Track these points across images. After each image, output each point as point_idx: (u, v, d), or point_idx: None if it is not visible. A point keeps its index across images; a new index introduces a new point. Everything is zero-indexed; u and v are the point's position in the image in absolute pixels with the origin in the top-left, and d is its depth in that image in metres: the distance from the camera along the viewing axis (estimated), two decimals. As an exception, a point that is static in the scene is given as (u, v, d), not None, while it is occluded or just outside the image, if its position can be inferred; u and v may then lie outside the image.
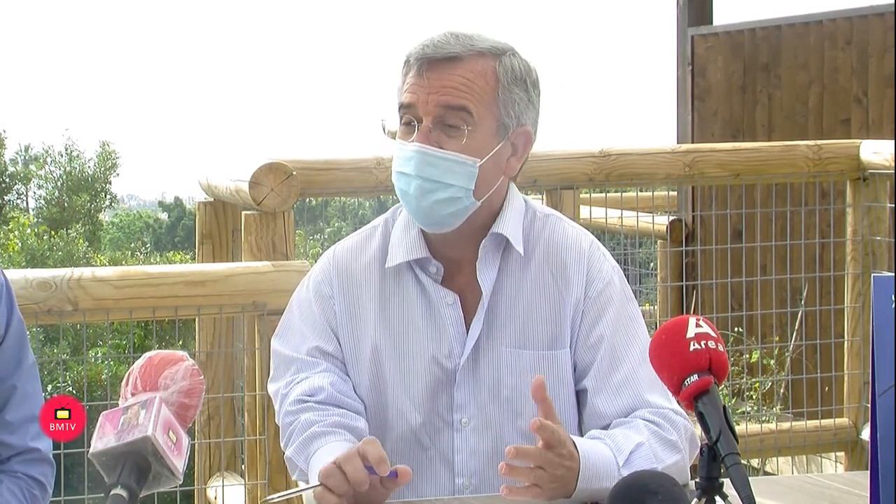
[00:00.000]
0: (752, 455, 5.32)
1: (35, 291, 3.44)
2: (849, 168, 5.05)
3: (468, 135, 2.31)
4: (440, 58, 2.32)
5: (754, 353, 6.22)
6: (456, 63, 2.32)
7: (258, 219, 4.01)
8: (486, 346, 2.36)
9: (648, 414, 2.29)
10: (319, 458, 2.25)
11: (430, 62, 2.32)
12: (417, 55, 2.33)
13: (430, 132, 2.31)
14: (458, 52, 2.33)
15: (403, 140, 2.35)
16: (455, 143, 2.31)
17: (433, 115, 2.31)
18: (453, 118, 2.31)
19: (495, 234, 2.37)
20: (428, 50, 2.33)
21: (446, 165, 2.31)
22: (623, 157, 4.79)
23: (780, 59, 7.63)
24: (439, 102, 2.30)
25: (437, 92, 2.30)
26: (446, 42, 2.33)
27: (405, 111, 2.34)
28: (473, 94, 2.32)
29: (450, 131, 2.31)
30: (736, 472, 1.74)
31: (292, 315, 2.47)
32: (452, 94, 2.31)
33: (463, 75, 2.32)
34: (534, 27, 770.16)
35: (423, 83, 2.31)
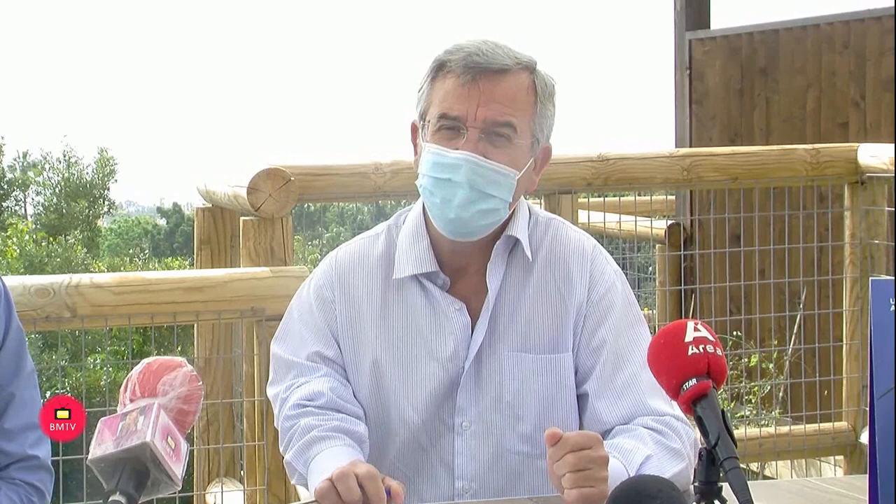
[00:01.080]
0: (751, 459, 5.32)
1: (33, 298, 3.44)
2: (847, 172, 5.05)
3: (512, 147, 2.30)
4: (492, 69, 2.29)
5: (753, 357, 6.22)
6: (505, 76, 2.30)
7: (256, 224, 4.01)
8: (489, 350, 2.36)
9: (650, 421, 2.28)
10: (319, 462, 2.25)
11: (482, 72, 2.28)
12: (465, 63, 2.29)
13: (477, 142, 2.28)
14: (508, 64, 2.30)
15: (443, 146, 2.30)
16: (500, 154, 2.30)
17: (481, 126, 2.28)
18: (500, 130, 2.29)
19: (508, 236, 2.37)
20: (478, 59, 2.29)
21: (493, 177, 2.29)
22: (621, 161, 4.79)
23: (777, 63, 7.64)
24: (488, 116, 2.28)
25: (486, 105, 2.28)
26: (493, 52, 2.30)
27: (449, 119, 2.30)
28: (518, 108, 2.31)
29: (496, 141, 2.29)
30: (735, 477, 1.74)
31: (292, 319, 2.47)
32: (501, 109, 2.28)
33: (511, 89, 2.30)
34: (532, 31, 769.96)
35: (473, 93, 2.28)
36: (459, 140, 2.29)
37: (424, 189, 2.34)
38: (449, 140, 2.30)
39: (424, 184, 2.33)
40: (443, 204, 2.31)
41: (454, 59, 2.31)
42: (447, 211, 2.30)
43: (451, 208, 2.30)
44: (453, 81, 2.30)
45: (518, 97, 2.31)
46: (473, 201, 2.29)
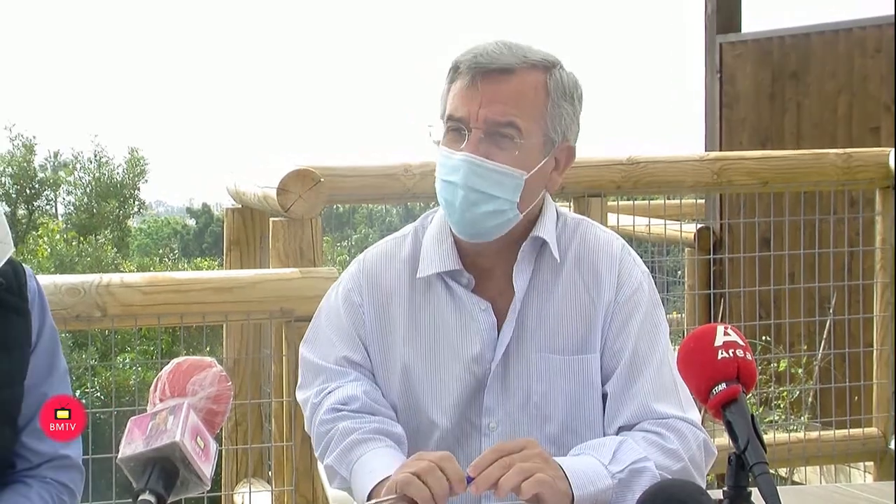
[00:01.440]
0: (780, 464, 5.30)
1: (64, 297, 3.46)
2: (878, 176, 5.03)
3: (517, 147, 2.29)
4: (494, 69, 2.28)
5: (782, 362, 6.19)
6: (509, 75, 2.29)
7: (286, 225, 4.01)
8: (516, 351, 2.36)
9: (649, 425, 2.28)
10: (364, 464, 2.25)
11: (483, 73, 2.28)
12: (469, 64, 2.30)
13: (479, 142, 2.28)
14: (512, 63, 2.29)
15: (450, 148, 2.31)
16: (504, 155, 2.29)
17: (483, 127, 2.28)
18: (504, 130, 2.29)
19: (535, 237, 2.37)
20: (481, 59, 2.29)
21: (494, 177, 2.29)
22: (651, 164, 4.78)
23: (808, 66, 7.61)
24: (488, 116, 2.28)
25: (487, 105, 2.27)
26: (499, 52, 2.30)
27: (454, 121, 2.31)
28: (523, 108, 2.29)
29: (500, 142, 2.29)
30: (764, 482, 1.73)
31: (321, 322, 2.47)
32: (502, 110, 2.28)
33: (514, 89, 2.29)
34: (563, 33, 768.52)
35: (475, 94, 2.28)
36: (463, 142, 2.30)
37: (438, 192, 2.35)
38: (455, 142, 2.31)
39: (437, 186, 2.35)
40: (448, 206, 2.33)
41: (464, 60, 2.32)
42: (452, 213, 2.32)
43: (454, 210, 2.31)
44: (460, 83, 2.31)
45: (524, 96, 2.30)
46: (475, 203, 2.29)
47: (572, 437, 2.32)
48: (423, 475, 2.06)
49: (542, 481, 2.05)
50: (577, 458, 2.19)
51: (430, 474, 2.06)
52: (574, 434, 2.33)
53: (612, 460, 2.17)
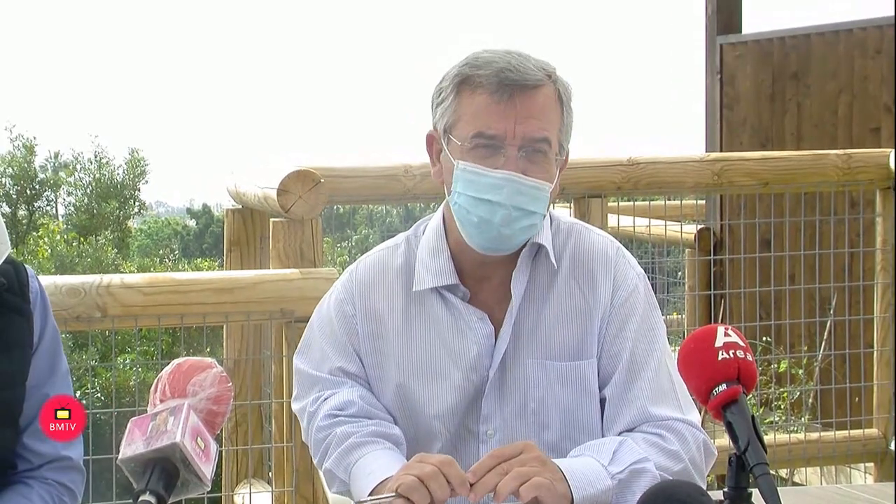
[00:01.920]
0: (781, 465, 5.30)
1: (64, 298, 3.46)
2: (879, 177, 5.03)
3: (546, 161, 2.29)
4: (528, 85, 2.26)
5: (783, 363, 6.20)
6: (537, 90, 2.27)
7: (286, 226, 4.01)
8: (513, 358, 2.36)
9: (649, 427, 2.27)
10: (362, 466, 2.25)
11: (519, 89, 2.25)
12: (499, 80, 2.25)
13: (517, 160, 2.26)
14: (541, 78, 2.27)
15: (481, 165, 2.27)
16: (537, 169, 2.27)
17: (519, 144, 2.26)
18: (538, 146, 2.27)
19: (535, 244, 2.36)
20: (512, 75, 2.25)
21: (532, 193, 2.27)
22: (651, 165, 4.78)
23: (809, 67, 7.61)
24: (526, 133, 2.25)
25: (524, 122, 2.25)
26: (524, 67, 2.27)
27: (486, 138, 2.27)
28: (551, 122, 2.29)
29: (534, 157, 2.27)
30: (764, 483, 1.73)
31: (314, 333, 2.46)
32: (537, 126, 2.26)
33: (542, 103, 2.27)
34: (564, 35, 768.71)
35: (510, 111, 2.25)
36: (498, 159, 2.26)
37: (461, 208, 2.30)
38: (486, 158, 2.27)
39: (461, 203, 2.29)
40: (482, 223, 2.28)
41: (484, 73, 2.27)
42: (487, 230, 2.28)
43: (492, 227, 2.28)
44: (486, 98, 2.26)
45: (550, 110, 2.29)
46: (516, 219, 2.27)
47: (570, 443, 2.31)
48: (426, 480, 2.06)
49: (539, 485, 2.05)
50: (576, 459, 2.19)
51: (434, 480, 2.06)
52: (572, 441, 2.32)
53: (611, 461, 2.17)
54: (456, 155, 2.30)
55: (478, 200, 2.27)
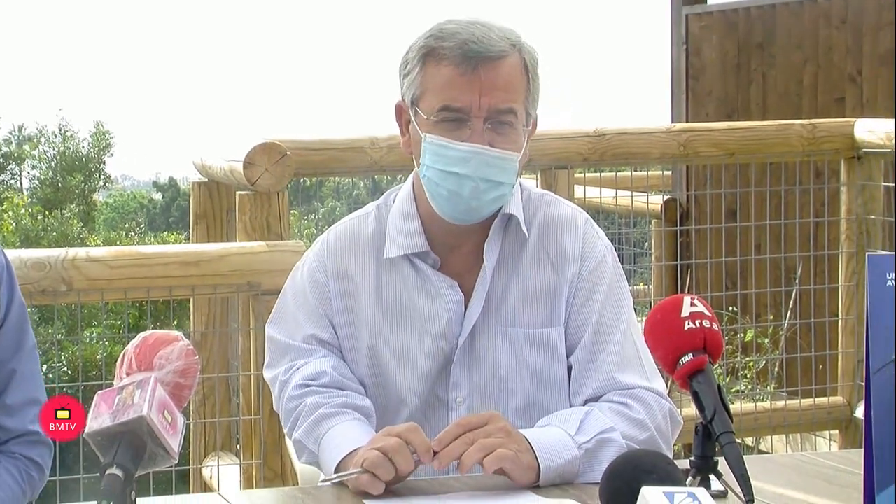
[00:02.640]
0: (747, 434, 5.33)
1: (29, 272, 3.44)
2: (843, 147, 5.06)
3: (513, 131, 2.29)
4: (492, 56, 2.25)
5: (749, 332, 6.23)
6: (501, 61, 2.26)
7: (252, 199, 4.00)
8: (483, 326, 2.36)
9: (616, 396, 2.28)
10: (331, 438, 2.25)
11: (482, 61, 2.25)
12: (463, 52, 2.25)
13: (483, 132, 2.26)
14: (504, 49, 2.27)
15: (447, 137, 2.27)
16: (504, 140, 2.28)
17: (485, 116, 2.26)
18: (504, 118, 2.27)
19: (506, 214, 2.36)
20: (475, 47, 2.25)
21: (500, 164, 2.27)
22: (618, 136, 4.79)
23: (774, 38, 7.62)
24: (491, 104, 2.25)
25: (489, 94, 2.25)
26: (488, 37, 2.26)
27: (452, 111, 2.27)
28: (517, 92, 2.29)
29: (500, 128, 2.27)
30: (730, 451, 1.75)
31: (286, 302, 2.46)
32: (502, 97, 2.26)
33: (509, 73, 2.27)
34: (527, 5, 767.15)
35: (475, 83, 2.25)
36: (464, 131, 2.27)
37: (430, 181, 2.30)
38: (452, 132, 2.27)
39: (430, 175, 2.30)
40: (451, 196, 2.29)
41: (448, 45, 2.27)
42: (457, 202, 2.29)
43: (461, 200, 2.28)
44: (451, 70, 2.26)
45: (515, 80, 2.29)
46: (484, 191, 2.28)
47: (538, 410, 2.32)
48: (390, 453, 2.07)
49: (503, 457, 2.07)
50: (543, 429, 2.20)
51: (398, 453, 2.07)
52: (540, 407, 2.33)
53: (578, 430, 2.17)
54: (423, 127, 2.30)
55: (446, 173, 2.28)
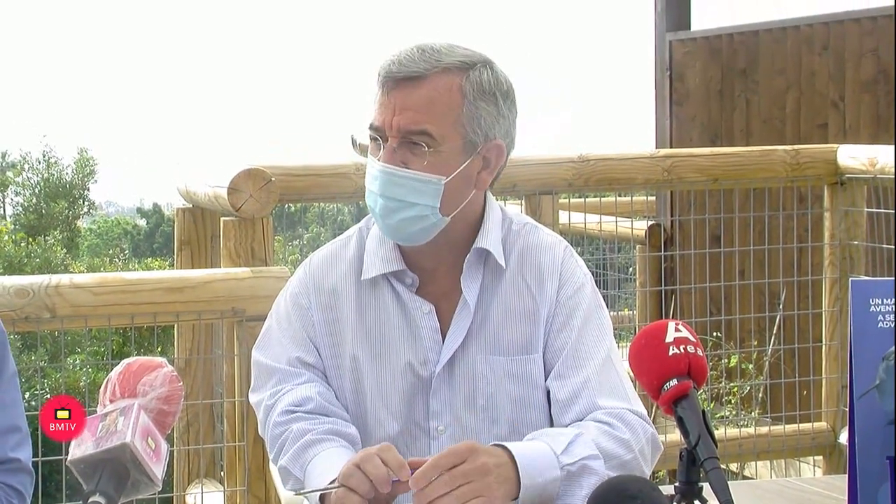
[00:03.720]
0: (731, 459, 5.33)
1: (13, 298, 3.43)
2: (826, 173, 5.07)
3: (431, 154, 2.29)
4: (403, 77, 2.29)
5: (733, 358, 6.23)
6: (419, 83, 2.29)
7: (237, 225, 4.00)
8: (461, 354, 2.36)
9: (602, 415, 2.27)
10: (317, 465, 2.25)
11: (394, 82, 2.29)
12: (384, 73, 2.31)
13: (394, 151, 2.29)
14: (422, 70, 2.29)
15: (372, 156, 2.34)
16: (419, 161, 2.29)
17: (397, 136, 2.29)
18: (416, 138, 2.29)
19: (478, 248, 2.37)
20: (393, 68, 2.30)
21: (411, 185, 2.29)
22: (602, 162, 4.80)
23: (757, 64, 7.66)
24: (401, 125, 2.28)
25: (399, 114, 2.28)
26: (411, 60, 2.30)
27: (373, 130, 2.33)
28: (435, 115, 2.29)
29: (414, 149, 2.29)
30: (715, 477, 1.74)
31: (272, 327, 2.47)
32: (413, 118, 2.28)
33: (425, 96, 2.29)
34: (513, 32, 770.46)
35: (388, 103, 2.29)
36: (381, 151, 2.32)
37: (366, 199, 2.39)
38: (375, 151, 2.33)
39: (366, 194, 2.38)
40: (372, 213, 2.36)
41: (381, 68, 2.33)
42: (376, 220, 2.36)
43: (377, 218, 2.35)
44: (378, 92, 2.33)
45: (436, 102, 2.29)
46: (394, 210, 2.30)
47: (519, 438, 2.30)
48: (361, 463, 2.06)
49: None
50: (530, 443, 2.18)
51: (368, 462, 2.06)
52: (520, 436, 2.31)
53: (565, 450, 2.16)
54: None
55: (367, 191, 2.35)
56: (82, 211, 30.60)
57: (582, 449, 2.18)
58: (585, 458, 2.17)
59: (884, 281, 1.94)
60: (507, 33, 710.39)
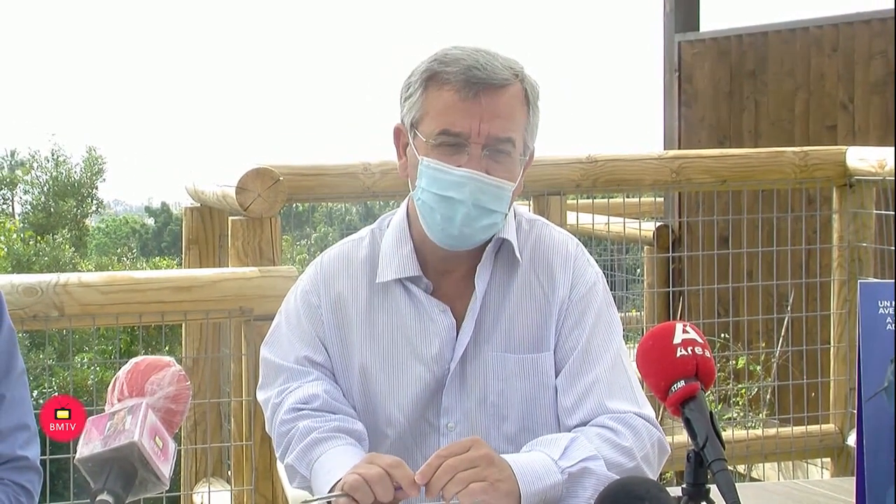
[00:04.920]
0: (739, 461, 5.32)
1: (21, 297, 3.44)
2: (835, 174, 5.07)
3: (510, 161, 2.30)
4: (494, 84, 2.26)
5: (741, 359, 6.23)
6: (506, 89, 2.28)
7: (245, 224, 4.00)
8: (473, 351, 2.37)
9: (607, 420, 2.27)
10: (324, 463, 2.25)
11: (484, 88, 2.26)
12: (466, 78, 2.26)
13: (480, 158, 2.27)
14: (508, 77, 2.28)
15: (444, 161, 2.28)
16: (501, 169, 2.28)
17: (483, 143, 2.27)
18: (502, 146, 2.28)
19: (500, 238, 2.37)
20: (479, 74, 2.26)
21: (495, 192, 2.28)
22: (610, 163, 4.79)
23: (766, 65, 7.65)
24: (491, 132, 2.26)
25: (489, 121, 2.25)
26: (492, 65, 2.27)
27: (451, 136, 2.27)
28: (516, 122, 2.29)
29: (498, 157, 2.28)
30: (722, 478, 1.74)
31: (281, 325, 2.47)
32: (502, 126, 2.26)
33: (509, 103, 2.28)
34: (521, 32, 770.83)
35: (475, 109, 2.25)
36: (462, 157, 2.27)
37: (424, 204, 2.31)
38: (450, 156, 2.28)
39: (425, 199, 2.31)
40: (444, 221, 2.30)
41: (451, 70, 2.27)
42: (449, 228, 2.30)
43: (453, 226, 2.29)
44: (453, 95, 2.27)
45: (516, 111, 2.30)
46: (476, 218, 2.28)
47: (528, 435, 2.32)
48: (371, 482, 2.06)
49: (474, 492, 2.05)
50: (527, 454, 2.19)
51: (379, 483, 2.06)
52: (530, 433, 2.33)
53: (562, 455, 2.17)
54: (421, 151, 2.31)
55: (440, 197, 2.28)
56: (91, 209, 30.63)
57: (580, 451, 2.19)
58: (584, 459, 2.17)
59: (893, 283, 1.94)
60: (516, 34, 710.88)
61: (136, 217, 42.97)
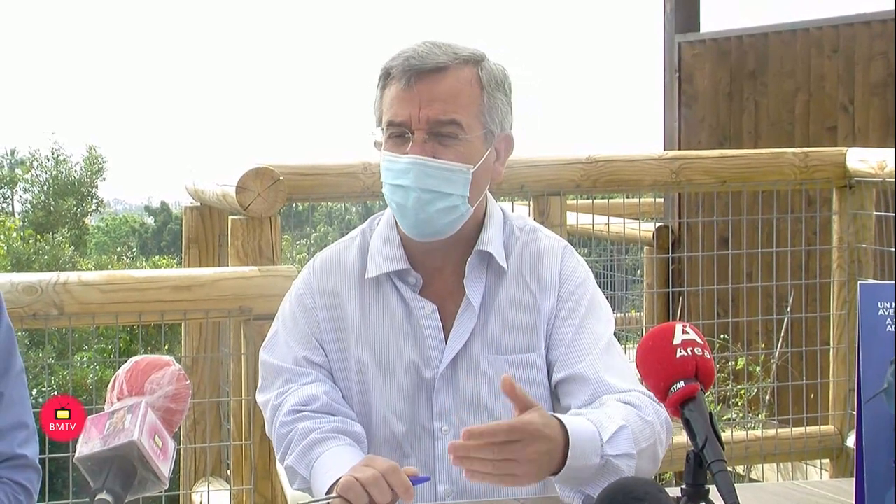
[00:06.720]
0: (738, 462, 5.33)
1: (21, 295, 3.43)
2: (835, 176, 5.07)
3: (460, 143, 2.33)
4: (428, 69, 2.31)
5: (740, 360, 6.23)
6: (443, 73, 2.32)
7: (245, 224, 4.00)
8: (464, 354, 2.38)
9: (621, 396, 2.27)
10: (323, 463, 2.26)
11: (417, 74, 2.31)
12: (403, 67, 2.32)
13: (424, 143, 2.31)
14: (445, 61, 2.33)
15: (394, 152, 2.34)
16: (450, 152, 2.32)
17: (425, 128, 2.31)
18: (445, 129, 2.32)
19: (480, 251, 2.39)
20: (414, 62, 2.32)
21: (443, 175, 2.32)
22: (610, 163, 4.79)
23: (766, 66, 7.65)
24: (430, 117, 2.31)
25: (427, 106, 2.30)
26: (430, 52, 2.33)
27: (395, 126, 2.33)
28: (461, 104, 2.33)
29: (444, 140, 2.32)
30: (722, 479, 1.74)
31: (278, 328, 2.48)
32: (442, 108, 2.31)
33: (451, 86, 2.32)
34: (522, 33, 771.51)
35: (413, 96, 2.31)
36: (407, 144, 2.32)
37: (387, 197, 2.38)
38: (399, 146, 2.34)
39: (385, 192, 2.37)
40: (400, 209, 2.35)
41: (394, 65, 2.34)
42: (406, 215, 2.35)
43: (408, 212, 2.34)
44: (396, 87, 2.33)
45: (461, 93, 2.33)
46: (429, 202, 2.32)
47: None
48: (366, 485, 2.06)
49: (508, 484, 2.05)
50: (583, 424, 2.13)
51: (375, 486, 2.06)
52: None
53: (609, 440, 2.14)
54: (381, 147, 2.38)
55: (394, 187, 2.34)
56: (90, 208, 30.61)
57: (625, 444, 2.16)
58: (623, 454, 2.14)
59: (892, 284, 1.94)
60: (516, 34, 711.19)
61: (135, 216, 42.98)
